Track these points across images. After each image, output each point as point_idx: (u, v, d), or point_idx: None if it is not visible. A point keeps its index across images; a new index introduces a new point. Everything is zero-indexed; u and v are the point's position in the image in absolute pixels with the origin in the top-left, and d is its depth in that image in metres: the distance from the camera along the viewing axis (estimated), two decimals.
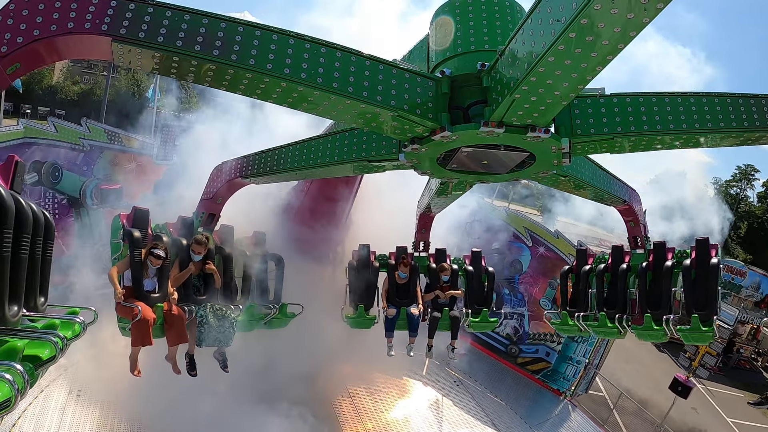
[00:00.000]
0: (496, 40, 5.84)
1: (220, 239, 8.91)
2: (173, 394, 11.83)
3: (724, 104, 5.70)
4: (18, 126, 15.20)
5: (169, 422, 12.55)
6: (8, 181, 3.87)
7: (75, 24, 3.84)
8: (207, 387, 11.77)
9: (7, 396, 2.89)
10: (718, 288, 8.12)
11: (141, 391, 11.83)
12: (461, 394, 17.77)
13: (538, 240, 18.94)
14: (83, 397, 13.15)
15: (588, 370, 17.41)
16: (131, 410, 12.81)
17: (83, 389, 13.29)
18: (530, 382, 18.63)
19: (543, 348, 18.50)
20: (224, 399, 13.34)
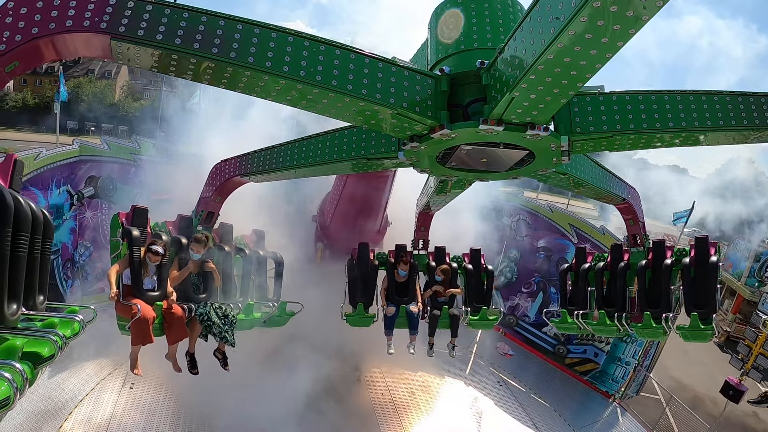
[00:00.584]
0: (495, 38, 5.84)
1: (220, 237, 8.91)
2: (219, 385, 12.28)
3: (724, 102, 5.70)
4: (73, 145, 16.04)
5: (220, 416, 13.30)
6: (7, 180, 3.87)
7: (74, 22, 3.82)
8: (247, 374, 13.02)
9: (6, 394, 2.89)
10: (717, 286, 8.13)
11: (187, 382, 11.96)
12: (504, 395, 17.29)
13: (584, 236, 18.23)
14: (135, 390, 13.94)
15: (638, 371, 16.64)
16: (179, 401, 13.59)
17: (136, 382, 13.98)
18: (578, 384, 17.79)
19: (591, 348, 17.76)
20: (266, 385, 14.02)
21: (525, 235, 19.97)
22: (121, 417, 12.95)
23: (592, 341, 17.50)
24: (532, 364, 18.70)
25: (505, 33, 5.90)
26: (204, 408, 13.27)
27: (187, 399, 13.26)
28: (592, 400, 17.16)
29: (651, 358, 16.33)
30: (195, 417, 13.28)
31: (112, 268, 6.90)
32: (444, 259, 10.43)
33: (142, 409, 13.28)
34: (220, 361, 8.29)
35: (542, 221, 19.75)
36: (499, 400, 16.83)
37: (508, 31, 5.80)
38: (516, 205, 20.46)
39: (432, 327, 9.53)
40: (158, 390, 13.93)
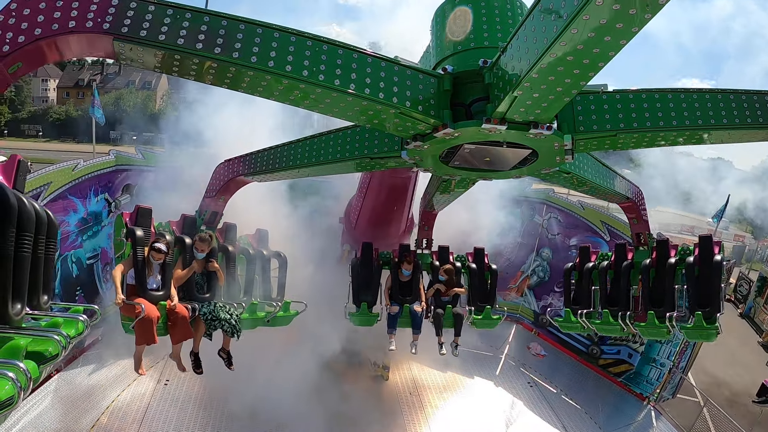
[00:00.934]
0: (498, 37, 5.83)
1: (223, 237, 8.93)
2: (249, 378, 13.34)
3: (728, 101, 5.68)
4: (110, 156, 16.68)
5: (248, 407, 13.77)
6: (11, 180, 3.88)
7: (77, 23, 3.83)
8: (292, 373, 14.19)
9: (10, 394, 2.91)
10: (722, 285, 8.10)
11: (219, 376, 12.40)
12: (534, 397, 16.83)
13: (616, 233, 17.60)
14: (170, 387, 14.63)
15: (673, 373, 15.86)
16: (211, 395, 14.28)
17: (171, 378, 14.73)
18: (612, 386, 17.02)
19: (625, 349, 17.04)
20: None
21: (557, 233, 19.54)
22: (155, 410, 13.67)
23: (626, 342, 16.88)
24: (565, 365, 18.16)
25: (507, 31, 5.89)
26: (234, 399, 13.96)
27: (218, 393, 14.07)
28: (625, 402, 16.46)
29: (687, 359, 15.69)
30: (225, 410, 13.98)
31: (117, 269, 6.92)
32: (447, 258, 10.42)
33: (175, 404, 13.99)
34: (225, 361, 8.32)
35: (574, 219, 19.26)
36: (528, 401, 16.44)
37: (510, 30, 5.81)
38: (547, 203, 20.05)
39: (437, 326, 9.52)
40: (192, 385, 14.59)
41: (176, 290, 7.40)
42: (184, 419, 13.43)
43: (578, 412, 16.10)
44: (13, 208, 3.46)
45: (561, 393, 16.98)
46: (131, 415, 13.30)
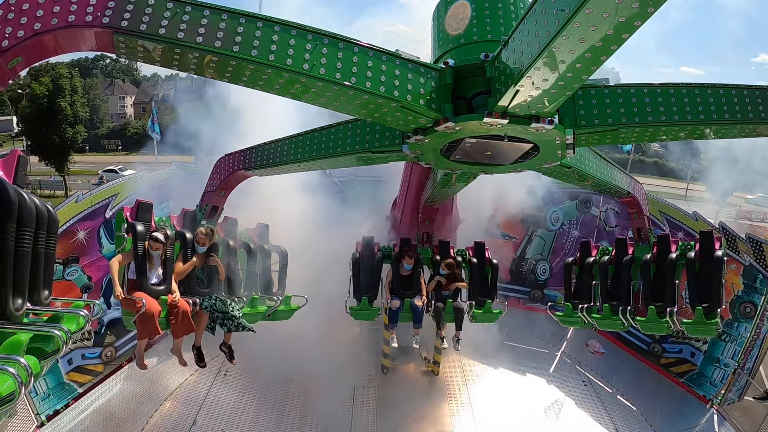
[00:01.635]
0: (500, 30, 5.80)
1: (224, 231, 8.92)
2: (308, 375, 14.64)
3: (729, 96, 5.66)
4: (171, 166, 17.78)
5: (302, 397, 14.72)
6: (11, 175, 3.88)
7: (76, 17, 3.81)
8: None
9: (12, 389, 2.91)
10: (722, 281, 8.11)
11: (278, 371, 14.92)
12: (587, 396, 15.83)
13: (676, 224, 16.58)
14: (229, 377, 15.53)
15: (738, 375, 14.66)
16: (266, 384, 15.07)
17: (230, 370, 15.63)
18: (673, 387, 15.88)
19: (687, 348, 15.92)
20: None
21: (615, 225, 18.64)
22: (214, 398, 14.75)
23: (689, 340, 15.88)
24: (624, 364, 17.14)
25: (509, 25, 5.87)
26: (287, 389, 14.98)
27: (273, 384, 15.06)
28: (687, 405, 15.31)
29: (754, 360, 14.52)
30: (278, 400, 14.68)
31: (114, 260, 6.91)
32: (448, 252, 10.43)
33: (232, 393, 14.94)
34: (226, 355, 8.35)
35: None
36: (581, 400, 15.59)
37: (512, 23, 5.79)
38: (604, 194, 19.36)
39: (438, 320, 9.54)
40: (249, 376, 15.45)
41: (177, 285, 7.40)
42: (239, 407, 14.37)
43: (633, 414, 15.11)
44: (13, 204, 3.45)
45: (617, 393, 15.98)
46: (191, 401, 14.48)
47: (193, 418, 13.78)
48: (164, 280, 7.14)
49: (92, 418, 13.27)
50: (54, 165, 42.10)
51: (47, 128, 40.29)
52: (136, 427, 13.30)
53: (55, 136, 40.50)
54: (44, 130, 40.42)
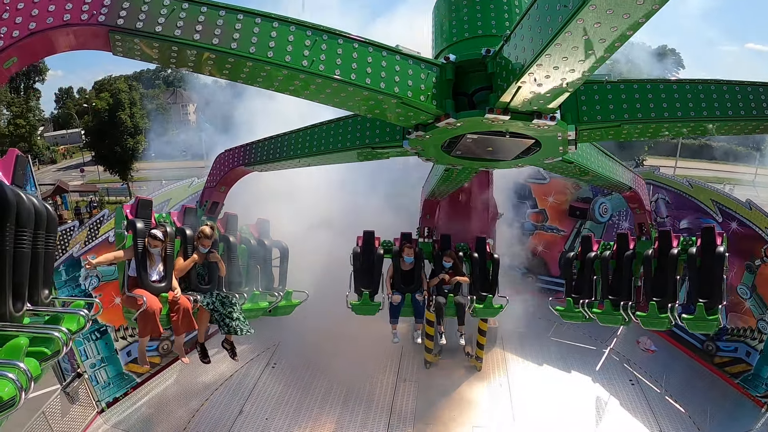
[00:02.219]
0: (502, 26, 5.74)
1: (225, 227, 8.90)
2: (351, 369, 15.21)
3: (733, 92, 5.61)
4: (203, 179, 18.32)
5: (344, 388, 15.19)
6: (9, 175, 3.84)
7: (71, 16, 3.76)
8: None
9: (12, 395, 2.89)
10: (724, 276, 8.08)
11: (323, 366, 15.74)
12: (633, 396, 15.01)
13: (729, 214, 15.49)
14: (276, 369, 16.29)
15: None
16: (313, 376, 15.73)
17: (278, 363, 16.53)
18: (728, 388, 14.79)
19: (743, 347, 14.79)
20: None
21: (666, 216, 17.52)
22: (261, 389, 15.45)
23: (744, 338, 14.86)
24: (676, 363, 16.19)
25: (511, 20, 5.81)
26: (330, 381, 15.42)
27: (318, 376, 15.66)
28: (741, 408, 14.15)
29: None
30: (321, 391, 15.17)
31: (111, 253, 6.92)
32: (449, 246, 10.40)
33: (278, 384, 15.57)
34: (229, 352, 8.34)
35: (682, 199, 17.06)
36: (626, 400, 14.81)
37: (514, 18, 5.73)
38: (653, 183, 17.79)
39: (438, 315, 9.52)
40: (296, 370, 16.13)
41: (178, 281, 7.38)
42: (283, 398, 14.98)
43: (681, 416, 14.14)
44: (11, 204, 3.42)
45: (665, 394, 14.98)
46: (240, 391, 15.31)
47: (240, 407, 14.54)
48: (165, 277, 7.11)
49: (148, 406, 14.48)
50: (118, 173, 45.46)
51: (109, 140, 43.70)
52: (187, 414, 14.26)
53: (117, 147, 43.63)
54: (106, 142, 43.89)
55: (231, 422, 13.93)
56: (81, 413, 13.61)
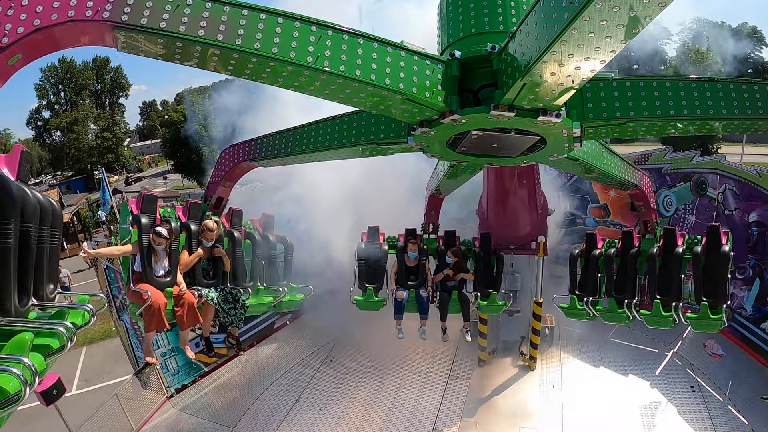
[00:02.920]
0: (508, 22, 5.71)
1: (229, 222, 8.92)
2: (404, 366, 16.15)
3: (739, 90, 5.57)
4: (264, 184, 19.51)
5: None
6: (15, 171, 3.86)
7: (76, 12, 3.75)
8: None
9: (17, 389, 2.93)
10: (729, 276, 8.05)
11: (376, 362, 16.63)
12: (693, 404, 13.88)
13: None
14: (335, 363, 17.20)
15: None
16: (367, 373, 16.45)
17: (336, 357, 17.50)
18: None
19: None
20: None
21: (734, 208, 16.34)
22: (318, 381, 16.43)
23: None
24: (745, 370, 14.93)
25: (518, 15, 5.78)
26: (381, 376, 16.14)
27: (372, 371, 16.39)
28: None
29: None
30: (375, 385, 15.82)
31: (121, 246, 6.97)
32: (454, 242, 10.40)
33: (334, 377, 16.49)
34: (234, 346, 8.38)
35: (751, 189, 15.79)
36: (685, 408, 13.72)
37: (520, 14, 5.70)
38: (720, 173, 16.86)
39: (443, 311, 9.54)
40: (353, 362, 17.00)
41: (182, 276, 7.41)
42: (337, 391, 15.76)
43: (744, 429, 12.90)
44: (16, 200, 3.44)
45: (729, 403, 13.73)
46: (298, 382, 16.41)
47: (296, 397, 15.60)
48: (170, 272, 7.15)
49: (213, 393, 16.03)
50: (195, 180, 49.56)
51: (185, 149, 47.45)
52: (247, 402, 15.51)
53: (193, 155, 46.96)
54: (183, 151, 47.82)
55: (287, 410, 14.95)
56: (152, 398, 15.32)
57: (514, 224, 11.67)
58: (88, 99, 77.15)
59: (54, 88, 75.86)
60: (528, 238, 11.97)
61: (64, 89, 75.88)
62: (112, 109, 78.80)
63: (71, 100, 75.52)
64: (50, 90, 75.61)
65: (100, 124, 75.37)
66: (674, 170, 17.58)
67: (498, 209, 11.50)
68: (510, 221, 11.61)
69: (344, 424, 14.12)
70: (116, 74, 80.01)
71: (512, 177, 10.68)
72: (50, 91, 75.60)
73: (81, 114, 72.92)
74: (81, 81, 75.91)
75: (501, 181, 10.93)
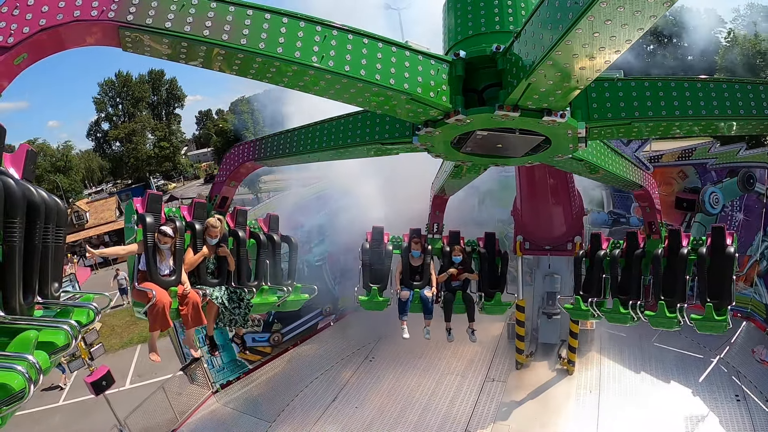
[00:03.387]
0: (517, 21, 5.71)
1: (234, 222, 8.93)
2: (438, 366, 16.60)
3: (744, 91, 5.53)
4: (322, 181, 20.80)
5: None
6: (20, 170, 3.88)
7: (81, 12, 3.77)
8: None
9: (22, 386, 2.95)
10: (733, 277, 8.02)
11: (417, 361, 17.29)
12: (737, 414, 13.03)
13: None
14: (374, 363, 18.04)
15: None
16: (404, 373, 17.01)
17: (376, 357, 18.30)
18: None
19: None
20: None
21: None
22: (357, 379, 17.14)
23: None
24: None
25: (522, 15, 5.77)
26: (417, 376, 16.71)
27: (410, 371, 16.94)
28: None
29: None
30: (411, 386, 16.30)
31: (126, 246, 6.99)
32: (458, 243, 10.39)
33: (372, 376, 17.17)
34: (239, 346, 8.40)
35: None
36: (728, 419, 12.90)
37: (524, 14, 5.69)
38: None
39: (447, 311, 9.53)
40: (391, 363, 17.60)
41: (187, 276, 7.43)
42: (374, 390, 16.38)
43: None
44: (21, 199, 3.46)
45: None
46: (336, 381, 17.15)
47: (335, 395, 16.33)
48: (174, 271, 7.16)
49: (255, 389, 17.08)
50: (246, 186, 50.76)
51: None
52: (287, 398, 16.41)
53: None
54: None
55: (324, 407, 15.67)
56: (197, 392, 16.54)
57: (549, 224, 11.53)
58: (145, 110, 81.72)
59: (112, 101, 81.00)
60: (564, 239, 11.76)
61: (121, 102, 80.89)
62: (168, 120, 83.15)
63: (129, 111, 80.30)
64: (108, 103, 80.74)
65: (157, 134, 79.77)
66: (720, 165, 16.70)
67: (531, 209, 11.39)
68: (544, 221, 11.51)
69: (378, 423, 14.47)
70: (171, 86, 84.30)
71: (543, 176, 10.45)
72: (108, 104, 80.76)
73: (138, 125, 77.71)
74: (137, 93, 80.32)
75: (532, 181, 10.80)
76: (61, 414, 19.67)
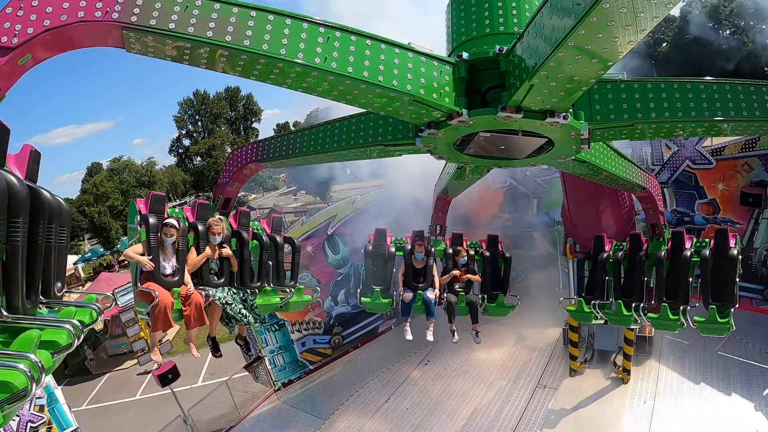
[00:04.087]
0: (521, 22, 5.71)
1: (237, 223, 8.94)
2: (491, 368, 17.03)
3: (747, 92, 5.52)
4: (379, 190, 21.89)
5: None
6: (24, 170, 3.89)
7: (85, 13, 3.79)
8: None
9: (24, 385, 2.95)
10: (737, 279, 7.99)
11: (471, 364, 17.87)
12: None
13: None
14: (429, 366, 18.53)
15: None
16: (451, 380, 17.60)
17: (431, 361, 18.83)
18: None
19: None
20: None
21: None
22: (410, 382, 17.79)
23: None
24: None
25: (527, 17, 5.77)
26: (474, 382, 17.12)
27: (459, 376, 17.53)
28: None
29: None
30: (462, 390, 16.72)
31: (129, 249, 6.97)
32: (461, 245, 10.37)
33: (427, 379, 17.74)
34: (242, 347, 8.41)
35: None
36: None
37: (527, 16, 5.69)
38: None
39: (450, 313, 9.51)
40: (445, 367, 18.19)
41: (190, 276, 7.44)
42: (427, 392, 16.85)
43: None
44: (24, 199, 3.47)
45: None
46: (391, 382, 17.86)
47: (388, 396, 17.04)
48: (177, 271, 7.17)
49: (316, 388, 18.39)
50: (319, 196, 53.43)
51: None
52: (342, 398, 17.38)
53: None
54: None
55: (376, 408, 16.41)
56: (260, 389, 18.08)
57: (597, 224, 11.32)
58: (224, 126, 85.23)
59: (191, 118, 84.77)
60: (615, 239, 11.62)
61: (200, 119, 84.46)
62: (246, 134, 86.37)
63: (208, 128, 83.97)
64: (188, 120, 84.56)
65: (235, 147, 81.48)
66: None
67: (578, 211, 11.28)
68: (591, 221, 11.33)
69: (426, 425, 14.85)
70: (248, 101, 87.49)
71: (582, 180, 10.02)
72: (188, 122, 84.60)
73: (218, 140, 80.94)
74: (215, 110, 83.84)
75: (576, 181, 10.65)
76: (136, 407, 22.14)
